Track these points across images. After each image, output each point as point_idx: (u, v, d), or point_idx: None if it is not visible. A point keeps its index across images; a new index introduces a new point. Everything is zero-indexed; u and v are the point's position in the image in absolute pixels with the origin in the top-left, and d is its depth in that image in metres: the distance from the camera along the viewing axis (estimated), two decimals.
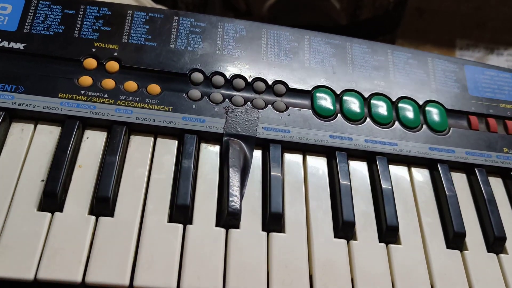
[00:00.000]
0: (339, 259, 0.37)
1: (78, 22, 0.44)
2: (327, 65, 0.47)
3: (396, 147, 0.44)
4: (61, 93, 0.40)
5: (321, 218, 0.39)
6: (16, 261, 0.32)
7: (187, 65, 0.44)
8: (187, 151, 0.40)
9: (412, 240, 0.40)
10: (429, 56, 0.50)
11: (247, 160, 0.41)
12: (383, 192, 0.41)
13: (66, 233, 0.34)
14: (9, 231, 0.34)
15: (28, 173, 0.37)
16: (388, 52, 0.49)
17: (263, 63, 0.45)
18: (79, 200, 0.36)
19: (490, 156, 0.45)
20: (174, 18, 0.46)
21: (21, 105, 0.39)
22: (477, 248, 0.41)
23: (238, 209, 0.37)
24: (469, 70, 0.50)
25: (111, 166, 0.37)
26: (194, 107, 0.42)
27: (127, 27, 0.44)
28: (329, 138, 0.43)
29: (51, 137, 0.39)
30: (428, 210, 0.42)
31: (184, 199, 0.37)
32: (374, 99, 0.46)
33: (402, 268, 0.38)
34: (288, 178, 0.41)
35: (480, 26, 0.84)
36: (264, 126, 0.42)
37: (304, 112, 0.44)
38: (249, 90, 0.44)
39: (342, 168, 0.42)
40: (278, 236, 0.37)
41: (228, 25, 0.46)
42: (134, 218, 0.36)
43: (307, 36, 0.48)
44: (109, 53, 0.43)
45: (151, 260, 0.34)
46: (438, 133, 0.46)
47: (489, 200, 0.43)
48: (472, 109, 0.48)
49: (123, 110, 0.40)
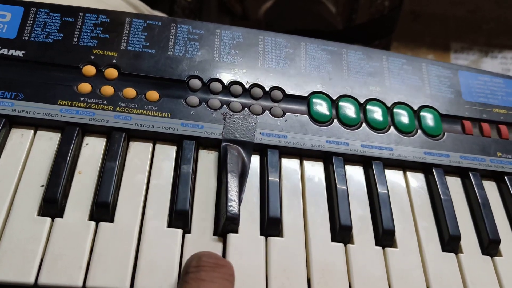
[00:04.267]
0: (337, 262, 0.38)
1: (77, 30, 0.44)
2: (323, 71, 0.47)
3: (392, 151, 0.45)
4: (61, 100, 0.41)
5: (319, 222, 0.40)
6: (17, 265, 0.33)
7: (185, 72, 0.44)
8: (186, 157, 0.40)
9: (408, 243, 0.40)
10: (424, 62, 0.50)
11: (245, 165, 0.41)
12: (379, 196, 0.42)
13: (66, 238, 0.35)
14: (10, 236, 0.34)
15: (28, 178, 0.37)
16: (383, 58, 0.49)
17: (260, 70, 0.46)
18: (79, 206, 0.36)
19: (484, 160, 0.46)
20: (172, 25, 0.46)
21: (21, 112, 0.39)
22: (472, 251, 0.42)
23: (237, 214, 0.37)
24: (462, 75, 0.51)
25: (111, 172, 0.38)
26: (193, 113, 0.42)
27: (125, 34, 0.45)
28: (325, 143, 0.43)
29: (51, 143, 0.39)
30: (424, 214, 0.43)
31: (183, 204, 0.37)
32: (369, 105, 0.47)
33: (398, 271, 0.39)
34: (285, 183, 0.41)
35: (474, 29, 0.84)
36: (262, 131, 0.43)
37: (301, 118, 0.44)
38: (246, 96, 0.45)
39: (339, 173, 0.42)
40: (277, 240, 0.38)
41: (225, 32, 0.47)
42: (134, 224, 0.36)
43: (303, 43, 0.48)
44: (108, 60, 0.43)
45: (151, 265, 0.35)
46: (432, 138, 0.46)
47: (484, 204, 0.43)
48: (466, 114, 0.49)
49: (122, 116, 0.41)
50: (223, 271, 0.32)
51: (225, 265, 0.33)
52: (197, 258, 0.32)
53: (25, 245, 0.34)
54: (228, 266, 0.33)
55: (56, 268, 0.33)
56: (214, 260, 0.32)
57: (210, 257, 0.33)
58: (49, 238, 0.34)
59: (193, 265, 0.32)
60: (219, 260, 0.33)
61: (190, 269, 0.32)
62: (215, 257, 0.33)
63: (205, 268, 0.32)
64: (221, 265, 0.32)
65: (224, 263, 0.33)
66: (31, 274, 0.33)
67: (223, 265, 0.32)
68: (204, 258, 0.32)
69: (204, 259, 0.32)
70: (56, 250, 0.34)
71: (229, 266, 0.33)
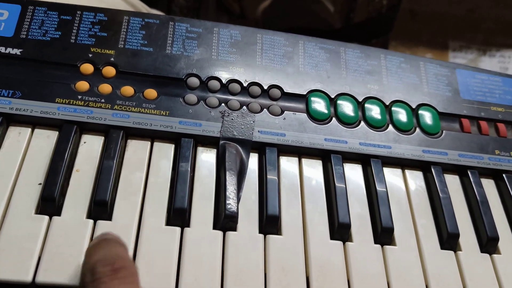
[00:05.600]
0: (335, 260, 0.38)
1: (75, 28, 0.44)
2: (321, 69, 0.47)
3: (390, 150, 0.45)
4: (58, 98, 0.40)
5: (317, 220, 0.40)
6: (14, 263, 0.33)
7: (183, 70, 0.44)
8: (184, 155, 0.40)
9: (406, 241, 0.40)
10: (421, 61, 0.50)
11: (244, 164, 0.41)
12: (377, 194, 0.42)
13: (64, 237, 0.35)
14: (7, 234, 0.34)
15: (25, 176, 0.37)
16: (381, 57, 0.49)
17: (259, 68, 0.46)
18: (77, 204, 0.36)
19: (482, 158, 0.46)
20: (170, 23, 0.46)
21: (18, 110, 0.39)
22: (470, 248, 0.42)
23: (235, 212, 0.37)
24: (460, 74, 0.51)
25: (109, 170, 0.38)
26: (191, 111, 0.42)
27: (123, 32, 0.45)
28: (324, 141, 0.43)
29: (49, 142, 0.39)
30: (422, 212, 0.43)
31: (181, 202, 0.37)
32: (368, 103, 0.47)
33: (397, 268, 0.39)
34: (284, 181, 0.41)
35: (472, 28, 0.84)
36: (260, 129, 0.43)
37: (299, 116, 0.44)
38: (244, 94, 0.45)
39: (337, 171, 0.42)
40: (275, 238, 0.38)
41: (224, 30, 0.47)
42: (132, 222, 0.36)
43: (302, 41, 0.48)
44: (105, 58, 0.43)
45: (149, 263, 0.34)
46: (431, 136, 0.46)
47: (482, 201, 0.44)
48: (464, 112, 0.49)
49: (120, 114, 0.41)
50: (124, 274, 0.28)
51: (124, 266, 0.29)
52: (90, 270, 0.28)
53: (23, 244, 0.34)
54: (128, 266, 0.29)
55: (54, 267, 0.33)
56: (110, 267, 0.28)
57: (105, 263, 0.28)
58: (46, 236, 0.34)
59: (87, 280, 0.28)
60: (116, 263, 0.28)
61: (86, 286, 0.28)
62: (110, 262, 0.29)
63: (103, 279, 0.28)
64: (119, 268, 0.28)
65: (122, 265, 0.28)
66: (29, 273, 0.33)
67: (121, 267, 0.28)
68: (99, 267, 0.28)
69: (99, 269, 0.28)
70: (54, 249, 0.34)
71: (128, 265, 0.29)
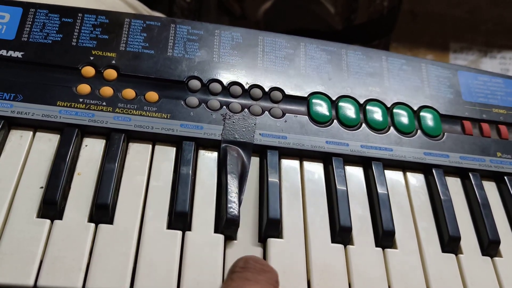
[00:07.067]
0: (337, 263, 0.38)
1: (76, 31, 0.44)
2: (322, 71, 0.47)
3: (392, 152, 0.44)
4: (60, 101, 0.40)
5: (318, 223, 0.40)
6: (16, 268, 0.33)
7: (184, 73, 0.44)
8: (185, 158, 0.40)
9: (408, 244, 0.40)
10: (423, 62, 0.50)
11: (245, 166, 0.41)
12: (379, 197, 0.42)
13: (66, 240, 0.35)
14: (9, 238, 0.34)
15: (27, 180, 0.37)
16: (382, 59, 0.49)
17: (260, 70, 0.46)
18: (78, 208, 0.36)
19: (483, 161, 0.46)
20: (171, 26, 0.46)
21: (20, 114, 0.39)
22: (472, 251, 0.42)
23: (237, 216, 0.37)
24: (462, 75, 0.51)
25: (110, 174, 0.38)
26: (192, 114, 0.42)
27: (124, 35, 0.45)
28: (325, 144, 0.43)
29: (50, 145, 0.39)
30: (424, 215, 0.43)
31: (183, 205, 0.37)
32: (369, 105, 0.47)
33: (398, 272, 0.39)
34: (285, 184, 0.41)
35: (473, 29, 0.84)
36: (261, 132, 0.43)
37: (301, 119, 0.44)
38: (246, 97, 0.45)
39: (339, 174, 0.42)
40: (276, 241, 0.38)
41: (225, 32, 0.47)
42: (134, 225, 0.36)
43: (303, 43, 0.48)
44: (107, 61, 0.43)
45: (151, 267, 0.34)
46: (432, 138, 0.46)
47: (483, 204, 0.43)
48: (466, 114, 0.49)
49: (121, 117, 0.41)
50: (268, 276, 0.32)
51: (271, 271, 0.33)
52: (244, 260, 0.33)
53: (25, 247, 0.34)
54: (273, 273, 0.33)
55: (56, 270, 0.33)
56: (260, 265, 0.33)
57: (257, 261, 0.33)
58: (48, 240, 0.34)
59: (239, 265, 0.33)
60: (265, 266, 0.33)
61: (236, 269, 0.33)
62: (262, 263, 0.33)
63: (251, 269, 0.32)
64: (267, 270, 0.33)
65: (269, 269, 0.33)
66: (31, 276, 0.32)
67: (268, 270, 0.33)
68: (251, 261, 0.33)
69: (251, 261, 0.33)
70: (55, 252, 0.34)
71: (274, 272, 0.33)
